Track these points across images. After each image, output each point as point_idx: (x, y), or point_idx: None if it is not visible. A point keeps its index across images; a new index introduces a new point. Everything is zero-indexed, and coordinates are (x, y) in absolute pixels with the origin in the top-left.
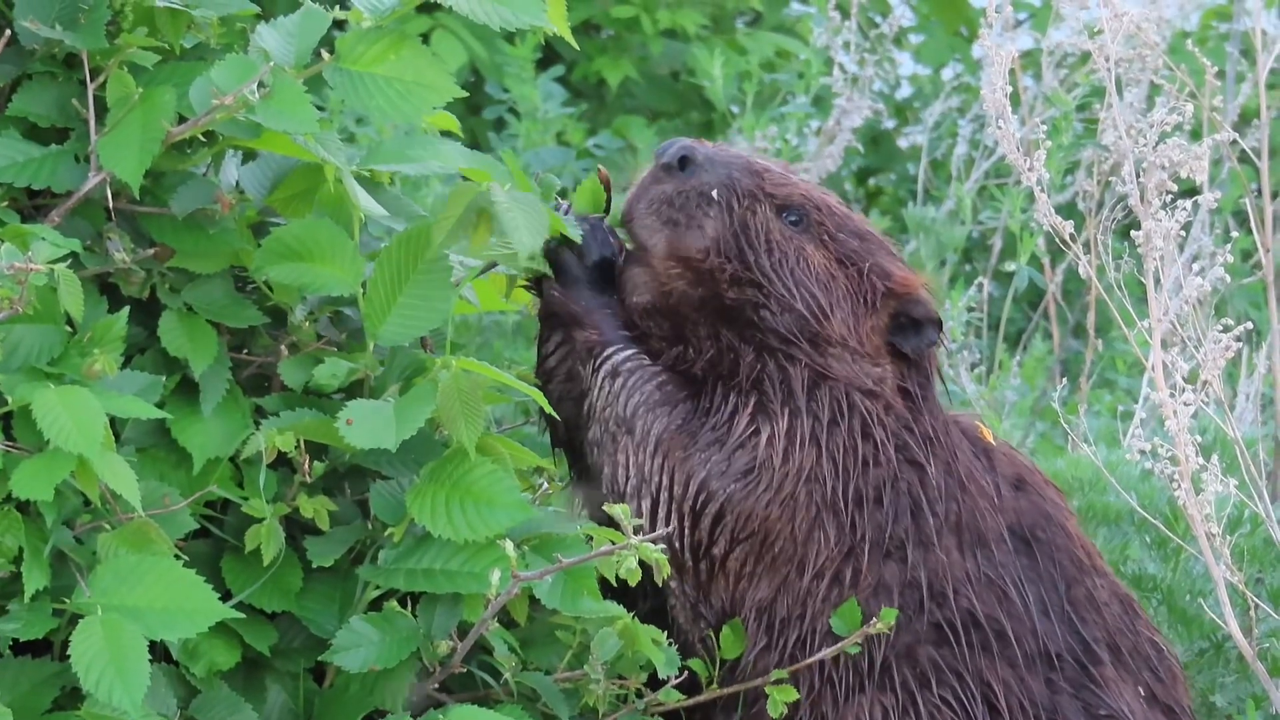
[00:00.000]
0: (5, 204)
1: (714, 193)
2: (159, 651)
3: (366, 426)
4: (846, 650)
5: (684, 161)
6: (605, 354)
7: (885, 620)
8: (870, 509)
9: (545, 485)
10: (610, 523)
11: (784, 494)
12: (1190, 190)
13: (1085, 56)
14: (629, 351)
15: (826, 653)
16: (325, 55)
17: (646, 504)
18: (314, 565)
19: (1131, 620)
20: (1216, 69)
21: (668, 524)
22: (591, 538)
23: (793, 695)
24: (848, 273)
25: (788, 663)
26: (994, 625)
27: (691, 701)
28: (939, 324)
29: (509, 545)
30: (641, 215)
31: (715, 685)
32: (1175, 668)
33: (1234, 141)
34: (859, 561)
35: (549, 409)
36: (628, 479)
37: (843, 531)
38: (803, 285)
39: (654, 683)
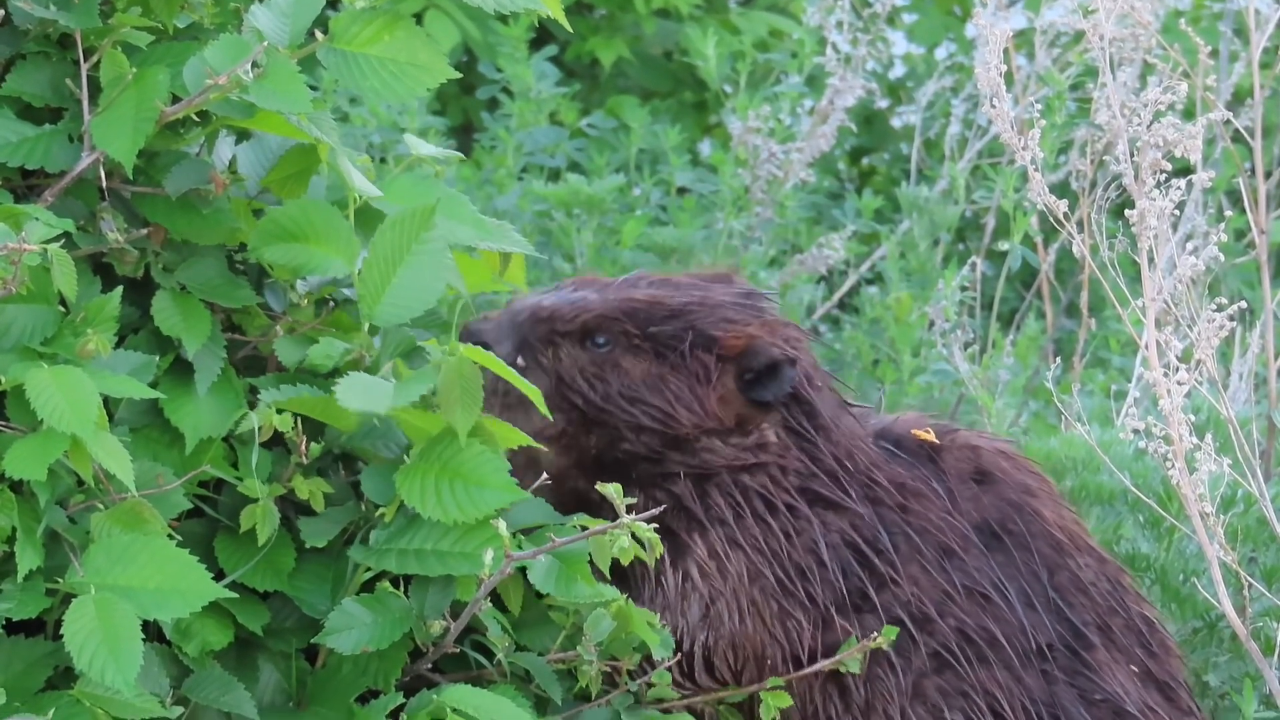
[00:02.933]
0: None
1: (520, 360)
2: (152, 631)
3: (361, 392)
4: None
5: (475, 341)
6: None
7: (887, 636)
8: (818, 574)
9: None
10: None
11: (743, 605)
12: (1184, 169)
13: (1079, 36)
14: None
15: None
16: (319, 35)
17: None
18: (307, 545)
19: (1121, 596)
20: (1210, 48)
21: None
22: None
23: (786, 701)
24: (672, 361)
25: None
26: (985, 635)
27: (686, 702)
28: (791, 360)
29: (502, 525)
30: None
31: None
32: (1168, 641)
33: (1227, 121)
34: (835, 631)
35: (543, 409)
36: None
37: (807, 608)
38: (636, 401)
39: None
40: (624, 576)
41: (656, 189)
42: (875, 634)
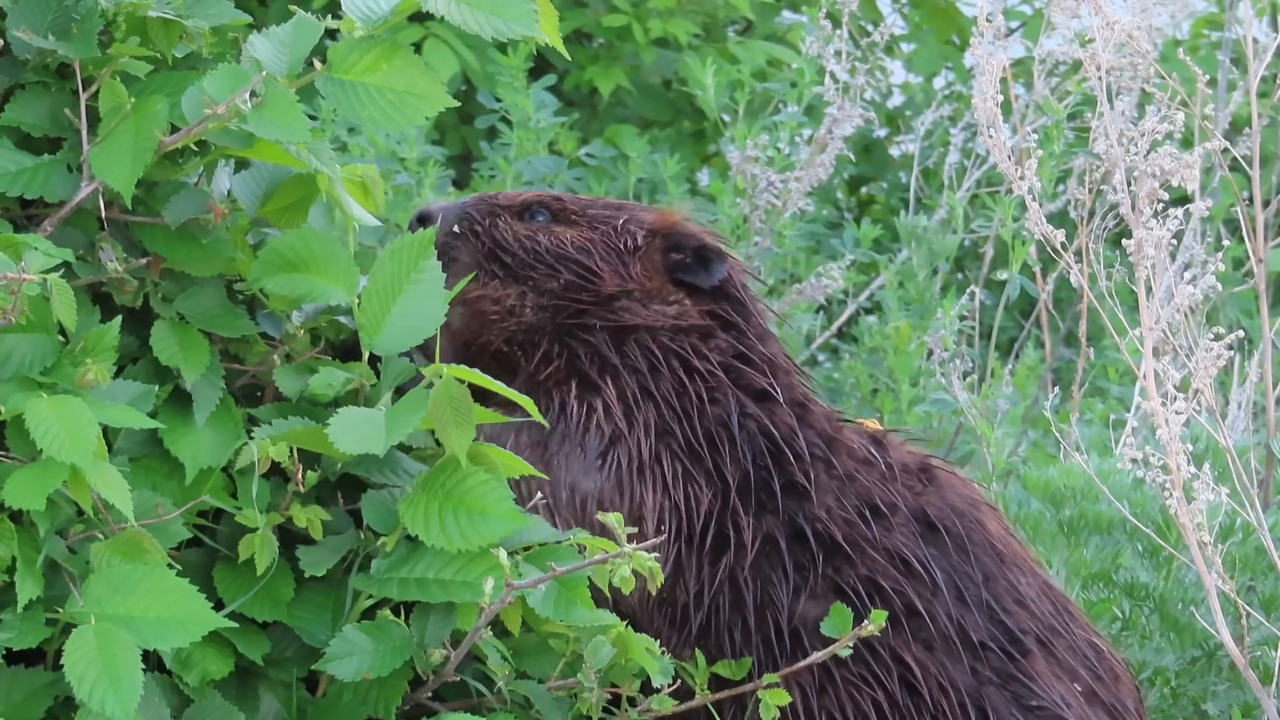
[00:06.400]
0: None
1: (455, 227)
2: (152, 661)
3: (356, 432)
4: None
5: (423, 219)
6: None
7: (876, 622)
8: (728, 449)
9: (539, 494)
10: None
11: (645, 457)
12: (1182, 198)
13: (1077, 65)
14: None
15: (818, 657)
16: (317, 64)
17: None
18: (306, 574)
19: (1066, 620)
20: (1208, 77)
21: None
22: (584, 547)
23: (785, 699)
24: (603, 232)
25: (697, 648)
26: (902, 599)
27: (684, 707)
28: (720, 252)
29: (503, 554)
30: None
31: (707, 691)
32: (1118, 669)
33: (1225, 150)
34: (739, 516)
35: (539, 417)
36: None
37: (711, 478)
38: (563, 260)
39: (646, 691)
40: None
41: None
42: (866, 622)
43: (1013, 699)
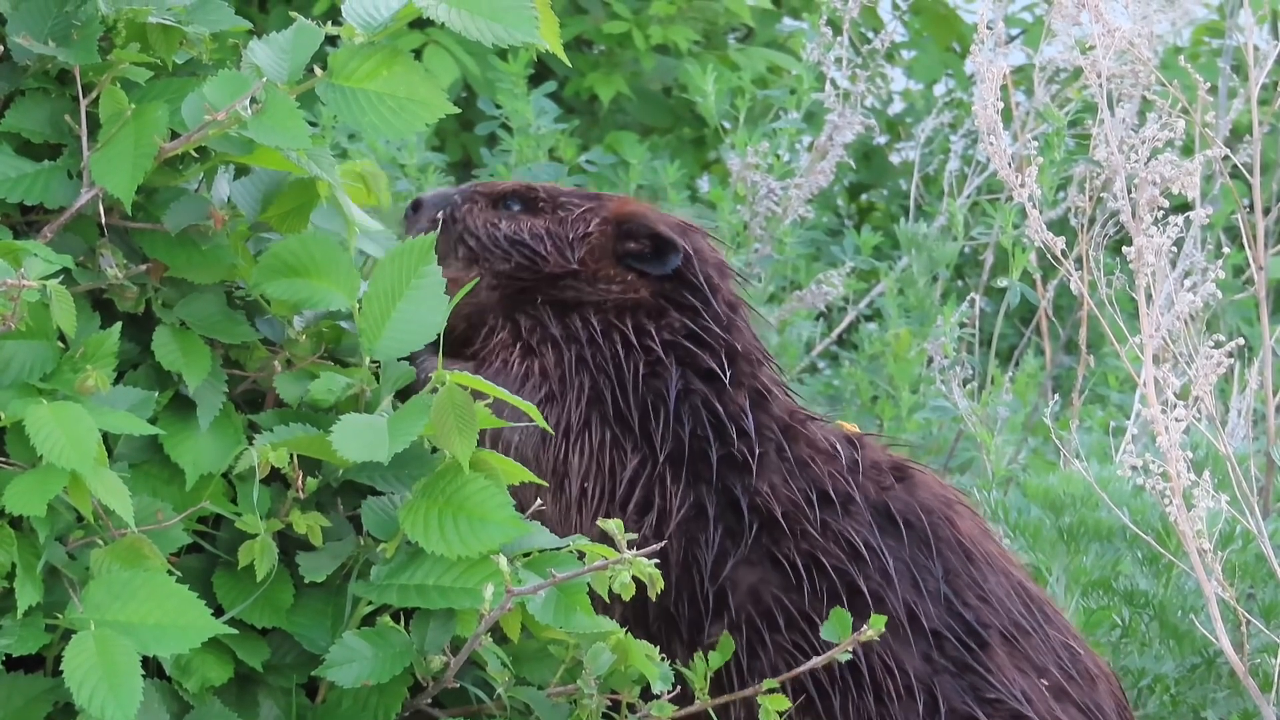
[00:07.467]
0: None
1: (439, 215)
2: (152, 667)
3: (359, 440)
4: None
5: (415, 205)
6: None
7: (875, 626)
8: (661, 420)
9: (538, 500)
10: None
11: (574, 423)
12: (1182, 206)
13: (1077, 72)
14: (425, 354)
15: (817, 661)
16: (318, 71)
17: None
18: (306, 581)
19: (1039, 621)
20: (1208, 85)
21: None
22: (584, 554)
23: (785, 704)
24: (559, 217)
25: (626, 614)
26: (844, 578)
27: (685, 713)
28: (672, 243)
29: (503, 561)
30: None
31: (705, 694)
32: (1096, 671)
33: (1226, 157)
34: (664, 484)
35: (542, 423)
36: None
37: (639, 446)
38: (515, 244)
39: (646, 697)
40: (472, 357)
41: None
42: (865, 626)
43: (968, 688)
